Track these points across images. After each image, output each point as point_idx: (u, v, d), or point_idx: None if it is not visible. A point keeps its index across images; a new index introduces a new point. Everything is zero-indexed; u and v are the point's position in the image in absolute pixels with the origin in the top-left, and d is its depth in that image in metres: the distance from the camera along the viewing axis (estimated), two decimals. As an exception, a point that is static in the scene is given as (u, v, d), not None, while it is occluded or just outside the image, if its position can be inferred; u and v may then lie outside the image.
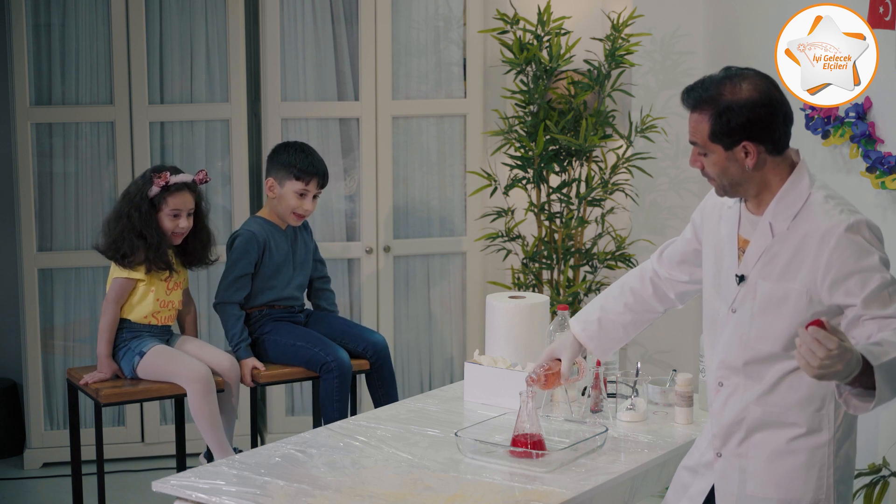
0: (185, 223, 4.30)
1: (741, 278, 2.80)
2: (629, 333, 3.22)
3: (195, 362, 4.23)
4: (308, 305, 4.70)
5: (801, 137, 4.33)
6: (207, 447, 4.30)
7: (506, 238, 5.38)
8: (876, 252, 2.64)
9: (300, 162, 4.44)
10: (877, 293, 2.60)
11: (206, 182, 4.38)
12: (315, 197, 4.48)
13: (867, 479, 4.07)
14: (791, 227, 2.73)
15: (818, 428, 2.74)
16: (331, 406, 4.36)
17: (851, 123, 4.26)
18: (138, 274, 4.25)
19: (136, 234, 4.23)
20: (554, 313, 3.90)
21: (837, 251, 2.64)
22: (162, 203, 4.26)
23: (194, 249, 4.39)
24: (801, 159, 2.78)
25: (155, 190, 4.25)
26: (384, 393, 4.51)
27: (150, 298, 4.29)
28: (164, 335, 4.36)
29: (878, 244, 2.67)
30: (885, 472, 4.09)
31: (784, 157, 2.76)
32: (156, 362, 4.23)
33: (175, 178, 4.27)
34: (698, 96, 2.73)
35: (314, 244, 4.66)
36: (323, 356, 4.37)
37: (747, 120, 2.68)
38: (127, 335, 4.29)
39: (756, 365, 2.78)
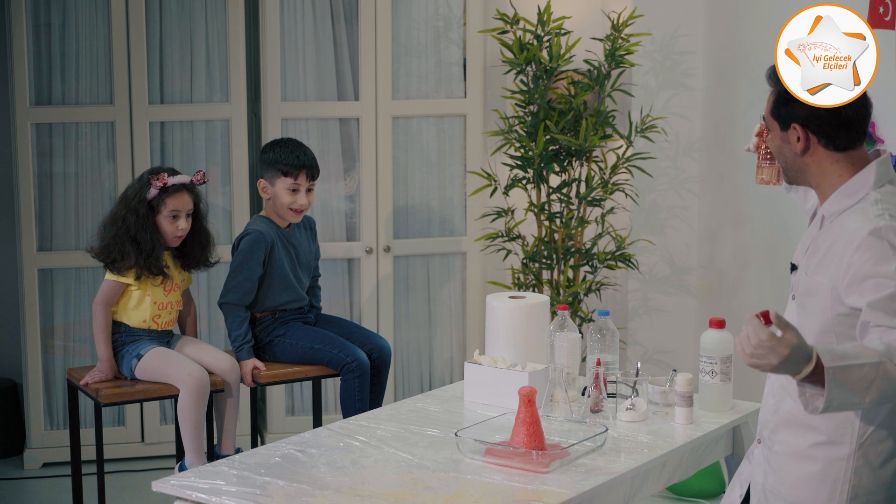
0: (184, 224, 4.28)
1: (793, 267, 2.83)
2: None
3: (192, 366, 4.21)
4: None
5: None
6: (183, 459, 4.29)
7: (506, 238, 5.38)
8: (892, 264, 2.57)
9: (285, 157, 4.41)
10: (886, 301, 2.54)
11: (205, 183, 4.36)
12: (309, 191, 4.45)
13: None
14: (834, 222, 2.73)
15: (839, 440, 2.70)
16: (353, 406, 4.40)
17: (851, 123, 4.25)
18: (128, 279, 4.23)
19: (130, 238, 4.20)
20: (554, 313, 3.90)
21: (858, 252, 2.60)
22: (161, 205, 4.24)
23: (193, 252, 4.37)
24: (879, 160, 2.76)
25: (153, 192, 4.23)
26: (373, 398, 4.50)
27: (146, 303, 4.27)
28: (164, 338, 4.36)
29: None
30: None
31: (848, 156, 2.75)
32: (153, 365, 4.22)
33: (173, 180, 4.25)
34: (775, 72, 2.80)
35: (317, 245, 4.66)
36: (343, 357, 4.39)
37: (802, 105, 2.73)
38: (126, 338, 4.28)
39: None
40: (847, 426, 2.70)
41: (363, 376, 4.39)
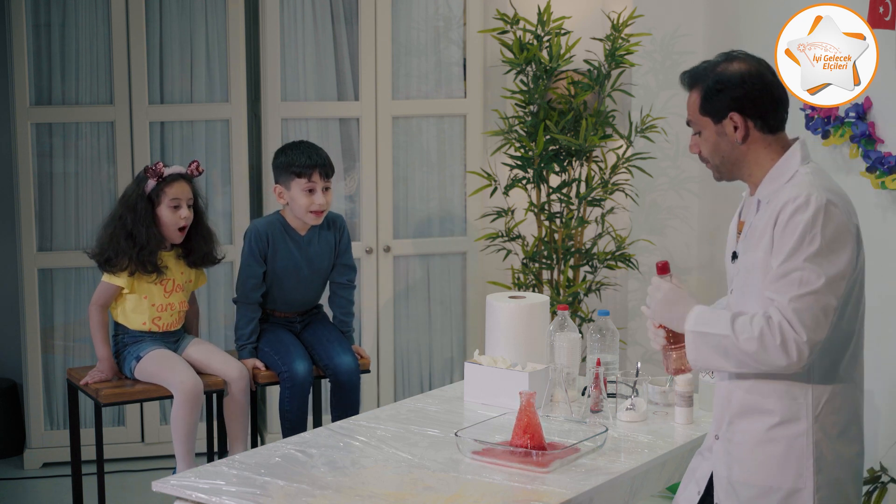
0: (186, 213, 4.23)
1: (734, 255, 2.85)
2: None
3: (186, 373, 4.18)
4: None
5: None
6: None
7: (506, 238, 5.38)
8: (807, 242, 2.64)
9: (297, 158, 4.36)
10: (782, 274, 2.65)
11: (201, 173, 4.31)
12: (326, 189, 4.37)
13: (865, 487, 4.05)
14: (770, 201, 2.77)
15: (795, 417, 2.75)
16: (283, 414, 4.34)
17: (851, 123, 4.26)
18: (120, 280, 4.20)
19: (126, 234, 4.17)
20: (554, 313, 3.90)
21: (785, 225, 2.68)
22: (161, 195, 4.20)
23: (198, 247, 4.32)
24: (799, 140, 2.81)
25: (151, 184, 4.20)
26: (337, 417, 4.38)
27: (144, 305, 4.25)
28: (170, 339, 4.34)
29: (829, 230, 2.65)
30: (884, 479, 4.08)
31: (778, 138, 2.80)
32: (150, 368, 4.21)
33: (169, 170, 4.23)
34: (693, 73, 2.83)
35: (346, 243, 4.54)
36: (280, 365, 4.34)
37: (735, 91, 2.75)
38: (128, 339, 4.28)
39: None
40: (801, 402, 2.75)
41: (294, 388, 4.32)
